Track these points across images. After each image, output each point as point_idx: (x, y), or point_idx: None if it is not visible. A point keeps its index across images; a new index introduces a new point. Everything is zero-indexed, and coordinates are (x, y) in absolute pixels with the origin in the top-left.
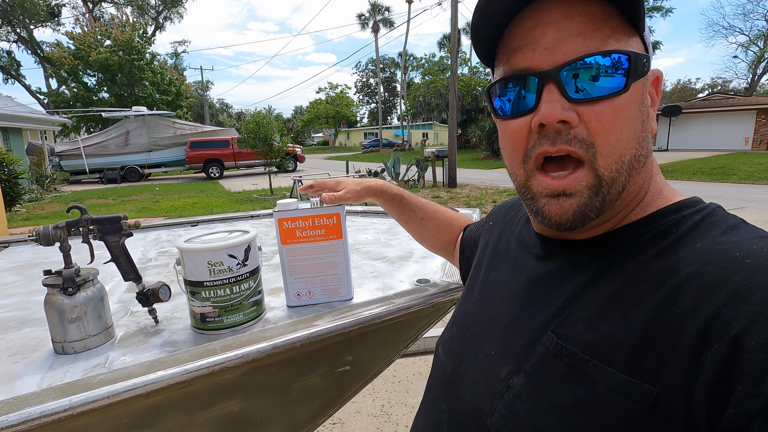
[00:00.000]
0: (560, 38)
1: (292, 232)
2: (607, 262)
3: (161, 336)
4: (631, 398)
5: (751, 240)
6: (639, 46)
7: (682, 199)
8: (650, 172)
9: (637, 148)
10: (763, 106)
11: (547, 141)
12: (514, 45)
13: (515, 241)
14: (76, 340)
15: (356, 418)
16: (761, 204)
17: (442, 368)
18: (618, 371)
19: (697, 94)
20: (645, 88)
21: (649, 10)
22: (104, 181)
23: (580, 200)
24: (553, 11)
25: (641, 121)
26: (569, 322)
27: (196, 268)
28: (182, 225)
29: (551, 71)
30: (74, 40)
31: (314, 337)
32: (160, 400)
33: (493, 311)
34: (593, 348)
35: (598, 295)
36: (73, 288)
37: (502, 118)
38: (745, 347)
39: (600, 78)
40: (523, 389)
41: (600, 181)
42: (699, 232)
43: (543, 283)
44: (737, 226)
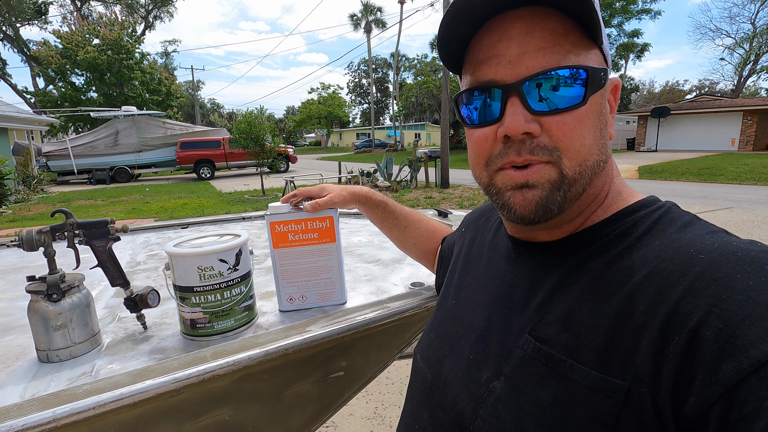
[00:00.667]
0: (522, 53)
1: (284, 236)
2: (574, 263)
3: (150, 343)
4: (605, 394)
5: (704, 236)
6: (598, 58)
7: (640, 200)
8: (610, 175)
9: (598, 153)
10: (748, 108)
11: (513, 151)
12: (479, 57)
13: (488, 246)
14: (61, 348)
15: (349, 420)
16: (747, 204)
17: (421, 375)
18: (591, 369)
19: (685, 95)
20: (603, 98)
21: (638, 12)
22: (93, 181)
23: (543, 192)
24: (515, 25)
25: (600, 129)
26: (544, 323)
27: (185, 273)
28: (172, 227)
29: (515, 84)
30: (61, 38)
31: (307, 343)
32: (148, 410)
33: (470, 316)
34: (568, 348)
35: (568, 296)
36: (57, 294)
37: (469, 126)
38: (702, 338)
39: (560, 90)
40: (504, 392)
41: (563, 178)
42: (657, 230)
43: (516, 286)
44: (691, 222)
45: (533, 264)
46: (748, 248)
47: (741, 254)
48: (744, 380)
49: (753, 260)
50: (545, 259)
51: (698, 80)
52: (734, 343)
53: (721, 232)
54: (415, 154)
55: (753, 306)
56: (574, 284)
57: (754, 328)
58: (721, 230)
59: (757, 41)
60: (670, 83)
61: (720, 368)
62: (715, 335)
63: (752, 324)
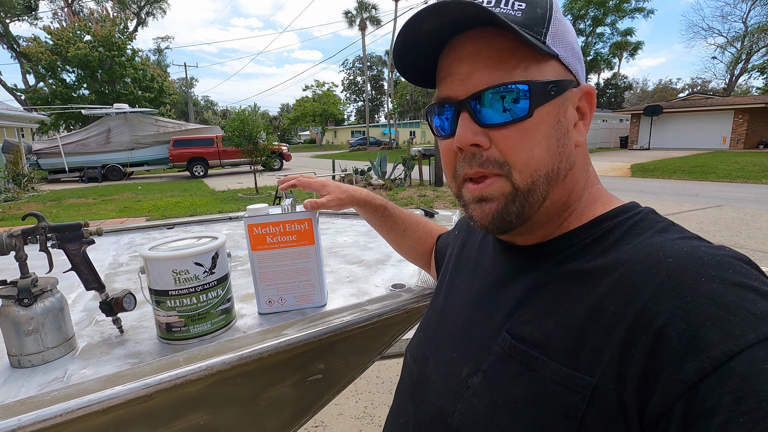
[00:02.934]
0: (471, 71)
1: (262, 238)
2: (552, 265)
3: (125, 347)
4: (573, 390)
5: (674, 241)
6: (555, 70)
7: (618, 206)
8: (579, 182)
9: (553, 163)
10: (740, 106)
11: (466, 164)
12: (440, 75)
13: (476, 248)
14: (34, 353)
15: (339, 420)
16: (737, 202)
17: (409, 372)
18: (561, 366)
19: (677, 94)
20: (561, 108)
21: (631, 11)
22: (84, 179)
23: (498, 205)
24: (466, 46)
25: (556, 138)
26: (520, 321)
27: (160, 276)
28: (157, 228)
29: (464, 101)
30: (52, 35)
31: (283, 346)
32: (120, 416)
33: (456, 315)
34: (540, 345)
35: (545, 296)
36: (29, 299)
37: (439, 138)
38: (667, 338)
39: (504, 105)
40: (480, 387)
41: (516, 191)
42: (632, 235)
43: (498, 287)
44: (666, 228)
45: (515, 265)
46: (714, 253)
47: (707, 258)
48: (704, 378)
49: (717, 264)
50: (525, 261)
51: (691, 79)
52: (696, 343)
53: (693, 238)
54: (409, 152)
55: (714, 308)
56: (550, 285)
57: (716, 330)
58: (693, 236)
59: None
60: (663, 81)
61: (683, 367)
62: (678, 336)
63: (713, 326)
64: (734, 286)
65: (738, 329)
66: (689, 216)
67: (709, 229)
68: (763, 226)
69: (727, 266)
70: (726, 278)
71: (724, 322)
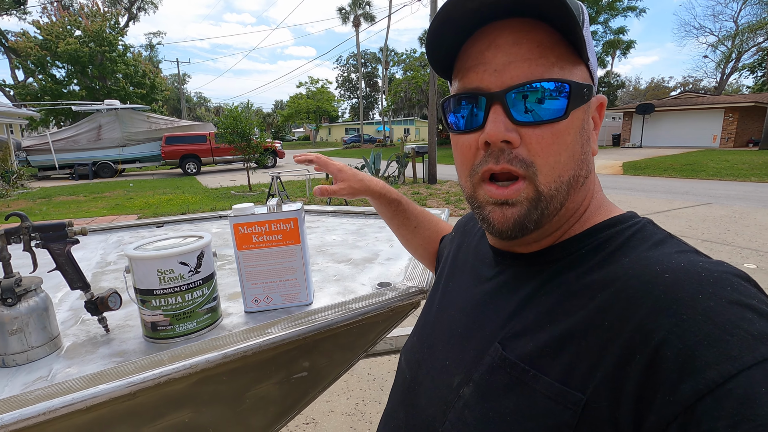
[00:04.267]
0: (509, 62)
1: (248, 238)
2: (547, 275)
3: (110, 346)
4: (564, 405)
5: (672, 255)
6: (583, 75)
7: (617, 214)
8: (591, 190)
9: (575, 169)
10: (730, 105)
11: (492, 159)
12: (467, 64)
13: (472, 253)
14: (18, 353)
15: (330, 417)
16: (726, 200)
17: (402, 376)
18: (553, 380)
19: (670, 92)
20: (587, 114)
21: (624, 10)
22: (75, 176)
23: (521, 210)
24: (503, 35)
25: (581, 144)
26: (513, 333)
27: (145, 276)
28: (146, 226)
29: (498, 93)
30: (41, 29)
31: (267, 344)
32: (103, 414)
33: (449, 321)
34: (532, 358)
35: (539, 307)
36: (12, 299)
37: (454, 132)
38: (663, 357)
39: (542, 103)
40: (471, 398)
41: (539, 195)
42: (629, 247)
43: (493, 295)
44: (663, 241)
45: (511, 274)
46: (712, 269)
47: (705, 274)
48: (700, 400)
49: (715, 281)
50: (522, 269)
51: (683, 77)
52: (693, 364)
53: (691, 252)
54: (403, 149)
55: (711, 327)
56: (545, 296)
57: (712, 350)
58: (691, 250)
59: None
60: (655, 80)
61: (678, 388)
62: (675, 355)
63: (710, 345)
64: (732, 304)
65: (735, 350)
66: (679, 213)
67: (698, 226)
68: (751, 223)
69: (725, 283)
70: (724, 296)
71: (721, 342)
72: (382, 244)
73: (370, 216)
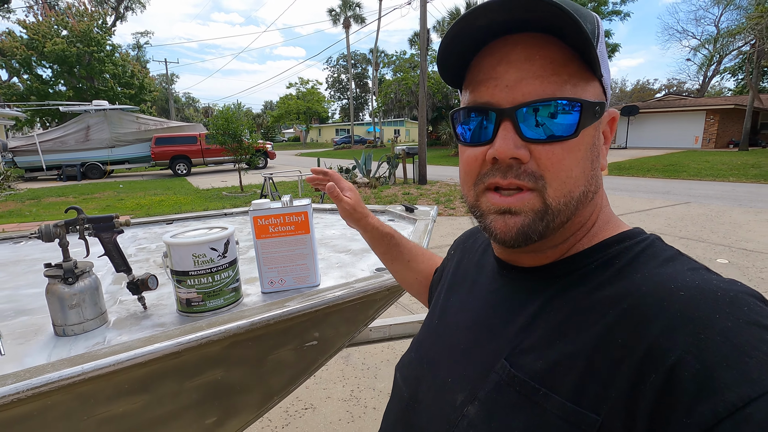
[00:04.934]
0: (521, 78)
1: (265, 228)
2: (556, 290)
3: (150, 320)
4: (578, 427)
5: (685, 272)
6: (596, 91)
7: (625, 230)
8: (599, 204)
9: (585, 185)
10: (711, 107)
11: (499, 174)
12: (479, 77)
13: (474, 268)
14: (76, 324)
15: (327, 402)
16: (704, 199)
17: (399, 394)
18: (566, 400)
19: (655, 94)
20: (597, 131)
21: (608, 14)
22: (63, 178)
23: (525, 220)
24: (515, 50)
25: (591, 161)
26: (521, 349)
27: (182, 259)
28: (157, 223)
29: (509, 109)
30: (27, 29)
31: (285, 315)
32: (155, 369)
33: (451, 337)
34: (543, 376)
35: (548, 323)
36: (72, 279)
37: (462, 144)
38: (679, 377)
39: (553, 120)
40: (476, 417)
41: (547, 208)
42: (639, 263)
43: (497, 310)
44: (673, 257)
45: (516, 288)
46: (727, 288)
47: (720, 294)
48: (719, 423)
49: (732, 301)
50: (528, 283)
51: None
52: (711, 385)
53: (702, 270)
54: (394, 150)
55: (730, 348)
56: (554, 312)
57: (731, 371)
58: (702, 267)
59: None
60: (641, 82)
61: (696, 410)
62: (692, 376)
63: (729, 367)
64: (750, 325)
65: (755, 372)
66: (659, 212)
67: (677, 224)
68: (726, 221)
69: (741, 303)
70: (741, 316)
71: (740, 363)
72: None
73: None
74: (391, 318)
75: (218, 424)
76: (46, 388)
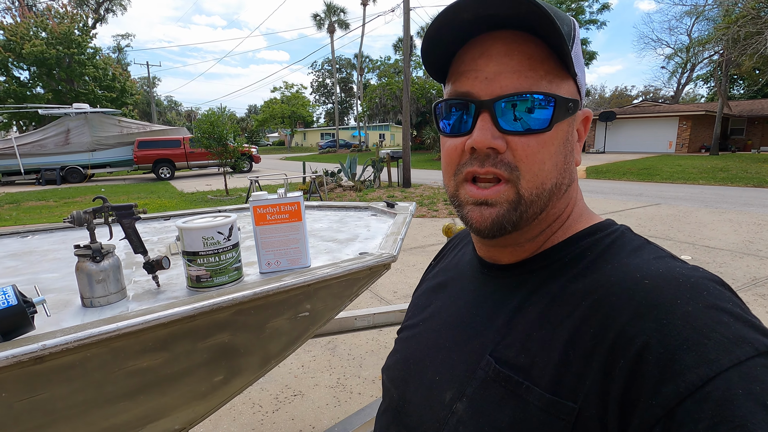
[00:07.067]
0: (499, 72)
1: (263, 217)
2: (534, 284)
3: (165, 294)
4: (557, 416)
5: (651, 261)
6: (570, 89)
7: (596, 222)
8: (573, 197)
9: (558, 177)
10: (683, 113)
11: (477, 163)
12: (461, 69)
13: (459, 269)
14: (101, 296)
15: (315, 389)
16: (674, 201)
17: (389, 396)
18: (545, 391)
19: (632, 100)
20: (571, 127)
21: (586, 22)
22: (42, 182)
23: (500, 211)
24: (496, 45)
25: (564, 155)
26: (504, 345)
27: (193, 241)
28: (156, 219)
29: (488, 101)
30: (5, 30)
31: (282, 288)
32: (174, 331)
33: (436, 336)
34: (525, 370)
35: (527, 317)
36: (99, 257)
37: (443, 135)
38: (645, 362)
39: (530, 114)
40: (465, 414)
41: (520, 199)
42: (609, 254)
43: (480, 307)
44: (641, 247)
45: (496, 285)
46: (689, 274)
47: (682, 280)
48: (681, 403)
49: (693, 286)
50: (507, 280)
51: (644, 86)
52: (673, 367)
53: (668, 257)
54: (378, 154)
55: (690, 331)
56: (532, 306)
57: (691, 353)
58: (667, 255)
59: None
60: (619, 88)
61: (660, 391)
62: (656, 359)
63: (689, 349)
64: (709, 308)
65: (713, 353)
66: (631, 213)
67: (646, 224)
68: (692, 221)
69: (701, 288)
70: (701, 301)
71: (699, 345)
72: (361, 229)
73: (350, 209)
74: (375, 308)
75: (225, 382)
76: (88, 341)
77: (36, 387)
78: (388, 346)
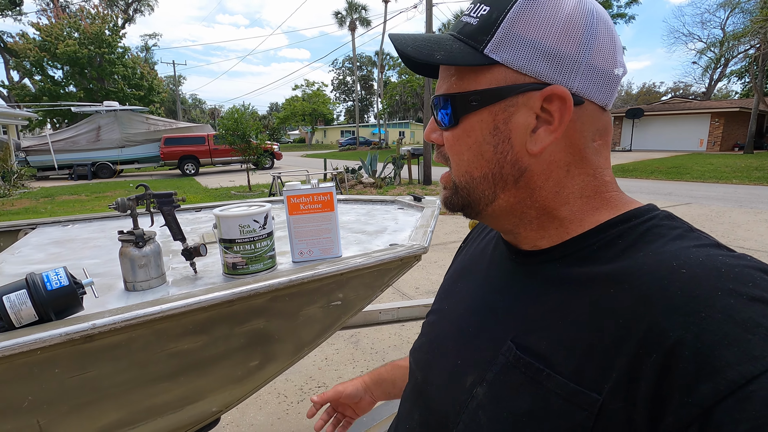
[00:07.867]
0: (441, 77)
1: (297, 206)
2: (559, 272)
3: (203, 280)
4: (580, 406)
5: (689, 249)
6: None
7: (632, 209)
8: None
9: (488, 167)
10: (716, 110)
11: (437, 152)
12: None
13: (482, 254)
14: (143, 281)
15: (338, 381)
16: (706, 200)
17: (414, 378)
18: (567, 380)
19: (661, 97)
20: (499, 116)
21: (614, 17)
22: (74, 177)
23: (447, 193)
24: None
25: (493, 145)
26: (526, 331)
27: (230, 229)
28: (188, 210)
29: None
30: (41, 31)
31: (316, 276)
32: (213, 315)
33: (459, 321)
34: (546, 357)
35: (551, 304)
36: (142, 243)
37: None
38: (679, 357)
39: (442, 113)
40: (485, 399)
41: (455, 185)
42: (644, 242)
43: (505, 293)
44: (682, 235)
45: (522, 272)
46: (733, 263)
47: (724, 269)
48: (720, 402)
49: (736, 277)
50: (533, 267)
51: (673, 82)
52: (711, 363)
53: (711, 245)
54: (399, 151)
55: (731, 325)
56: (557, 293)
57: (732, 349)
58: (712, 243)
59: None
60: (647, 85)
61: (697, 389)
62: (692, 355)
63: (730, 344)
64: (754, 301)
65: (758, 349)
66: None
67: None
68: (725, 221)
69: (746, 278)
70: (745, 292)
71: (742, 341)
72: (389, 222)
73: (377, 203)
74: (400, 302)
75: (259, 367)
76: (134, 321)
77: (85, 365)
78: (410, 341)
